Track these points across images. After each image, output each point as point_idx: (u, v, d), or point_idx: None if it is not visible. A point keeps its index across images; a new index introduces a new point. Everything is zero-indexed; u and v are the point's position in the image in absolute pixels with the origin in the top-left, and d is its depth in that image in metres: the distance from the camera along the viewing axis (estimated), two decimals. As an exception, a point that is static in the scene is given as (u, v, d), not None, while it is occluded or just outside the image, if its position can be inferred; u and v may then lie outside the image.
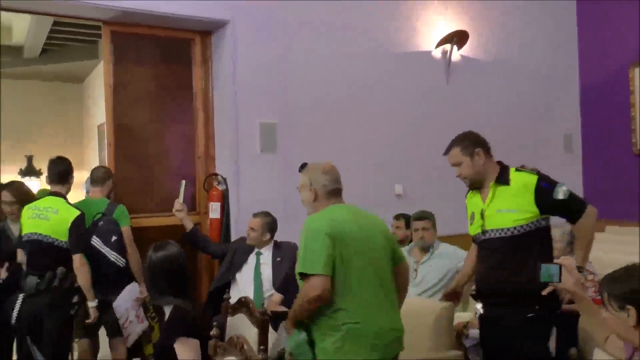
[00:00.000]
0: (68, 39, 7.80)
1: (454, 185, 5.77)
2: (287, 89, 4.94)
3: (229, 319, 3.14)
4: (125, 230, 3.96)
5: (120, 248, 3.85)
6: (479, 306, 2.95)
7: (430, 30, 5.69)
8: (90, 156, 9.59)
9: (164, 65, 4.94)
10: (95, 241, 3.76)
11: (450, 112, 5.78)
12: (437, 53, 5.76)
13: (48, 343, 3.47)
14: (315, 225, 2.63)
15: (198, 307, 2.84)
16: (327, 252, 2.50)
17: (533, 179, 2.88)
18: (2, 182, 4.46)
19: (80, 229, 3.59)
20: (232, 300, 3.39)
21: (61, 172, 3.75)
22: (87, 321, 3.62)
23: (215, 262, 4.66)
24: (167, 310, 2.71)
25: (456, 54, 5.81)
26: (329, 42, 5.14)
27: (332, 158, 5.03)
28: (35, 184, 8.88)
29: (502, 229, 2.84)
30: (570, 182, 6.52)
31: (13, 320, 3.57)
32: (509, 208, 2.85)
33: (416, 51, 5.63)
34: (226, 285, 4.06)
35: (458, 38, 5.70)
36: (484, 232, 2.92)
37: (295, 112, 4.97)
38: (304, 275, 2.52)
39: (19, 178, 9.04)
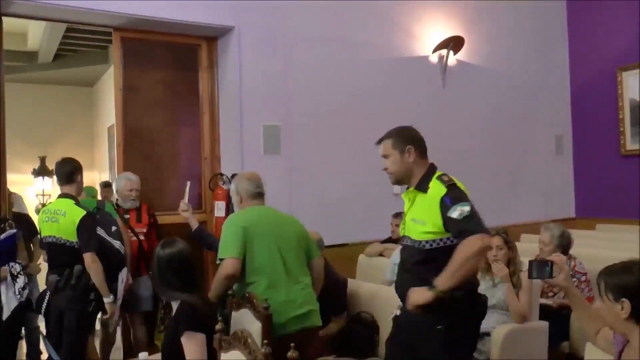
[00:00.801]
0: (80, 45, 7.96)
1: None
2: (290, 93, 5.05)
3: (233, 313, 3.21)
4: (122, 224, 4.21)
5: (120, 237, 3.98)
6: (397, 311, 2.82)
7: (427, 36, 5.80)
8: (101, 157, 9.75)
9: (172, 70, 5.05)
10: (100, 232, 3.83)
11: (446, 116, 5.90)
12: (433, 58, 5.87)
13: (66, 337, 3.62)
14: (232, 219, 3.23)
15: (205, 302, 2.89)
16: (238, 240, 3.07)
17: (442, 191, 2.60)
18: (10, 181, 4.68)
19: (88, 228, 3.64)
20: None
21: (68, 173, 3.80)
22: (104, 317, 3.74)
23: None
24: (175, 305, 2.77)
25: (452, 59, 5.93)
26: (329, 48, 5.25)
27: (332, 159, 5.22)
28: (48, 184, 9.07)
29: (413, 240, 2.67)
30: (561, 182, 6.70)
31: (42, 313, 3.79)
32: (420, 219, 2.65)
33: (413, 56, 5.74)
34: None
35: (454, 43, 5.80)
36: (403, 236, 2.80)
37: (298, 116, 5.08)
38: (221, 259, 3.09)
39: (32, 178, 9.24)
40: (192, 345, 2.61)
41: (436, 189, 2.63)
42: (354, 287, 4.04)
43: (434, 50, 5.80)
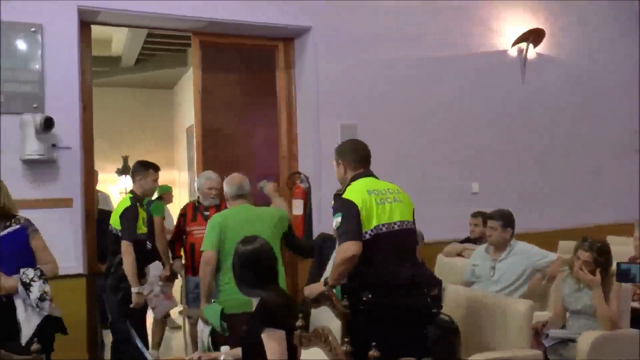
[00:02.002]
0: (160, 49, 8.24)
1: (530, 183, 5.74)
2: (367, 92, 5.05)
3: (312, 311, 3.23)
4: (157, 220, 4.50)
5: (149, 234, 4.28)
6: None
7: (506, 30, 5.66)
8: (180, 156, 10.07)
9: (249, 71, 5.18)
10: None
11: (525, 111, 5.72)
12: (512, 52, 5.71)
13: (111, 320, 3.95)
14: (213, 218, 3.70)
15: (285, 299, 2.91)
16: (214, 234, 3.56)
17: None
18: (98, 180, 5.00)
19: (128, 219, 3.92)
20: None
21: (131, 174, 4.32)
22: (131, 306, 3.93)
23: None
24: (255, 302, 2.82)
25: (532, 52, 5.74)
26: (406, 46, 5.22)
27: (410, 157, 5.16)
28: (130, 182, 9.43)
29: None
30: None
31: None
32: None
33: (492, 51, 5.62)
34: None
35: (534, 36, 5.63)
36: None
37: (375, 114, 5.07)
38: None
39: (116, 177, 9.66)
40: (273, 342, 2.62)
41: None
42: (432, 288, 3.96)
43: (514, 44, 5.65)
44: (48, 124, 3.85)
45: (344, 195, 2.97)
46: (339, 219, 2.91)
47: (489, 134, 5.57)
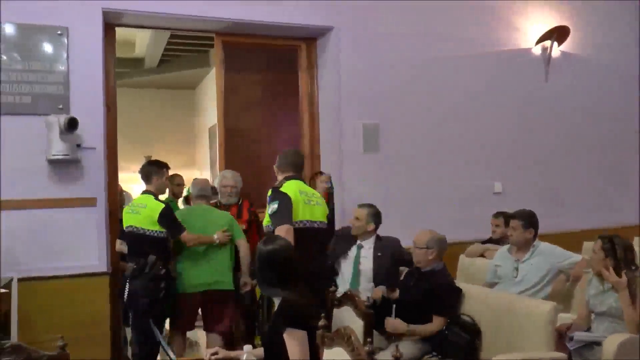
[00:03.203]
0: (183, 50, 8.30)
1: (554, 183, 5.67)
2: (388, 91, 5.04)
3: (334, 310, 3.24)
4: None
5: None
6: None
7: (530, 27, 5.59)
8: (202, 156, 10.14)
9: (271, 71, 5.19)
10: None
11: (549, 110, 5.65)
12: (536, 50, 5.64)
13: (137, 321, 3.93)
14: (178, 212, 4.34)
15: (307, 299, 2.90)
16: None
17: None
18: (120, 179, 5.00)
19: (169, 218, 3.98)
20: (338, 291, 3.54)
21: (144, 174, 4.18)
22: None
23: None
24: (276, 302, 2.83)
25: (556, 50, 5.67)
26: (427, 45, 5.19)
27: (431, 157, 5.15)
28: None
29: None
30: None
31: (125, 298, 4.08)
32: None
33: (515, 49, 5.56)
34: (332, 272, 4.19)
35: (559, 33, 5.54)
36: None
37: (397, 114, 5.06)
38: None
39: (138, 177, 9.73)
40: (294, 342, 2.60)
41: None
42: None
43: (537, 42, 5.58)
44: (72, 124, 3.91)
45: (281, 189, 3.56)
46: (275, 206, 3.47)
47: (512, 133, 5.52)
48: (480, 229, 4.93)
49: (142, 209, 4.05)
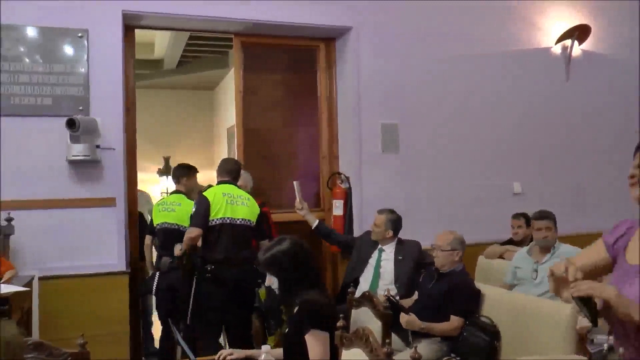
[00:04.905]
0: (201, 51, 8.34)
1: (575, 184, 5.59)
2: (407, 91, 5.01)
3: (353, 311, 3.23)
4: None
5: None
6: None
7: (550, 26, 5.52)
8: (220, 157, 10.16)
9: (290, 72, 5.19)
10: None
11: (569, 109, 5.58)
12: (557, 49, 5.57)
13: (183, 309, 4.06)
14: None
15: (327, 299, 2.87)
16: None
17: None
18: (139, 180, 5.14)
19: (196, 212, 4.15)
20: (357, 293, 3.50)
21: (176, 176, 4.79)
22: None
23: (338, 255, 4.87)
24: (297, 302, 2.81)
25: (577, 49, 5.59)
26: (447, 44, 5.15)
27: (450, 157, 5.11)
28: (172, 183, 9.60)
29: None
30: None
31: (153, 292, 4.52)
32: None
33: (536, 48, 5.49)
34: (356, 280, 4.19)
35: (579, 32, 5.46)
36: None
37: (416, 113, 5.03)
38: None
39: (157, 177, 9.82)
40: (317, 343, 2.57)
41: None
42: (473, 290, 3.90)
43: (558, 41, 5.50)
44: (71, 124, 3.90)
45: (204, 193, 4.03)
46: (194, 209, 4.00)
47: (532, 133, 5.46)
48: (499, 230, 4.88)
49: (177, 206, 4.54)
